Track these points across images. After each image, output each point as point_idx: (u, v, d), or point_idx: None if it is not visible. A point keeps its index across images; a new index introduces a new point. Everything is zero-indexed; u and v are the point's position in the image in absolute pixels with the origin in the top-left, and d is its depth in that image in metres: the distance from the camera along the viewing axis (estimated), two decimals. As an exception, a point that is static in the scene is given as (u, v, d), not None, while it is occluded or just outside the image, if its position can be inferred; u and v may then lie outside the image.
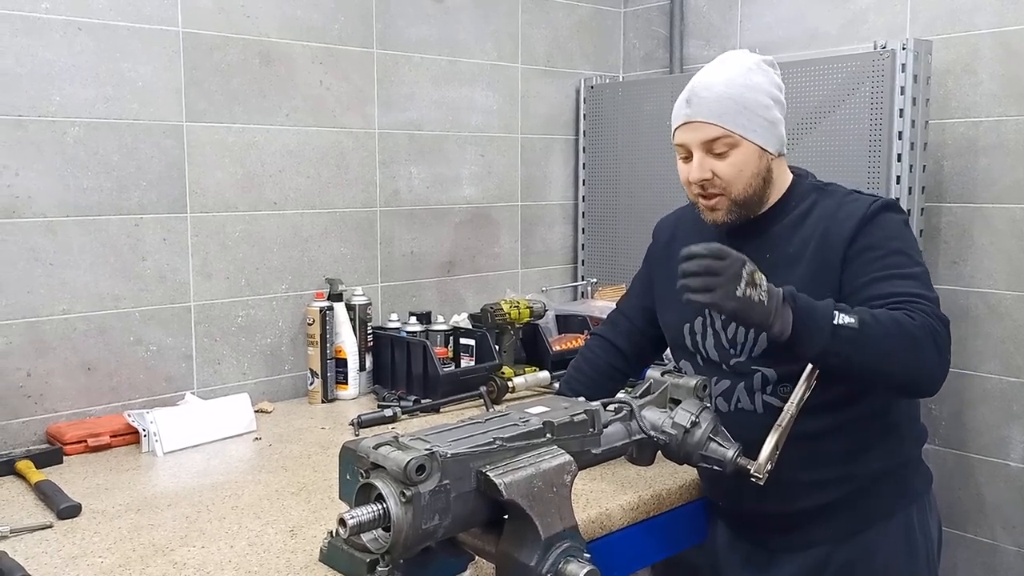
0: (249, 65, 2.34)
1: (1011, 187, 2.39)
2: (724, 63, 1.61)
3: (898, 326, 1.40)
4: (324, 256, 2.53)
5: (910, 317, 1.42)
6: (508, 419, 1.31)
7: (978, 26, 2.41)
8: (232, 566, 1.37)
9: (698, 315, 1.68)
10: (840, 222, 1.56)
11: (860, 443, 1.59)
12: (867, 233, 1.53)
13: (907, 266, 1.52)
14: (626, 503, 1.66)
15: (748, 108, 1.56)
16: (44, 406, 2.05)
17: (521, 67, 3.00)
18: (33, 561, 1.38)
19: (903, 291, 1.47)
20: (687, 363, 1.73)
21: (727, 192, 1.58)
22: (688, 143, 1.59)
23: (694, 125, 1.57)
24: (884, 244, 1.53)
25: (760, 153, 1.58)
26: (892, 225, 1.56)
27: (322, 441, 2.04)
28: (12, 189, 1.98)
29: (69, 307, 2.07)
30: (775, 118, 1.59)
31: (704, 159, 1.57)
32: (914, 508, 1.65)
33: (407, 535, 1.12)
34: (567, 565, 1.17)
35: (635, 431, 1.47)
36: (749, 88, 1.56)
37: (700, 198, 1.62)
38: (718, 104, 1.55)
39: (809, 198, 1.63)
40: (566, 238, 3.22)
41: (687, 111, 1.58)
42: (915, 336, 1.40)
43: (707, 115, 1.56)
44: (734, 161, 1.56)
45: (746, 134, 1.55)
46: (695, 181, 1.59)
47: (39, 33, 1.99)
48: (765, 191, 1.61)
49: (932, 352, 1.42)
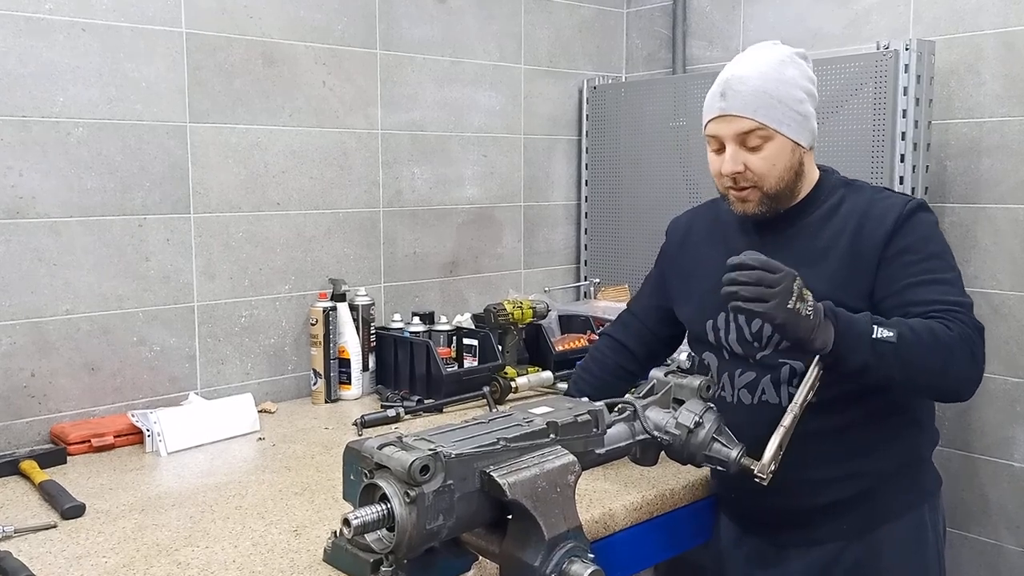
0: (252, 66, 2.34)
1: (1015, 188, 2.39)
2: (758, 55, 1.60)
3: (935, 337, 1.42)
4: (327, 256, 2.53)
5: (947, 327, 1.44)
6: (512, 419, 1.31)
7: (981, 27, 2.41)
8: (236, 566, 1.38)
9: (721, 311, 1.67)
10: (875, 219, 1.56)
11: (874, 441, 1.59)
12: (904, 234, 1.54)
13: (943, 271, 1.54)
14: (630, 503, 1.66)
15: (782, 102, 1.55)
16: (48, 406, 2.05)
17: (524, 67, 3.00)
18: (37, 561, 1.38)
19: (940, 298, 1.49)
20: (711, 356, 1.71)
21: (759, 185, 1.58)
22: (721, 135, 1.58)
23: (728, 118, 1.57)
24: (921, 247, 1.55)
25: (793, 147, 1.58)
26: (927, 227, 1.58)
27: (325, 441, 2.05)
28: (16, 189, 1.98)
29: (73, 307, 2.07)
30: (808, 112, 1.59)
31: (737, 152, 1.57)
32: (925, 507, 1.66)
33: (411, 535, 1.12)
34: (571, 565, 1.17)
35: (639, 431, 1.48)
36: (783, 82, 1.56)
37: (731, 190, 1.62)
38: (753, 97, 1.54)
39: (838, 193, 1.64)
40: (569, 238, 3.22)
41: (721, 104, 1.57)
42: (952, 347, 1.43)
43: (742, 108, 1.55)
44: (767, 155, 1.56)
45: (780, 128, 1.55)
46: (728, 174, 1.58)
47: (43, 34, 2.00)
48: (797, 184, 1.62)
49: (968, 361, 1.45)
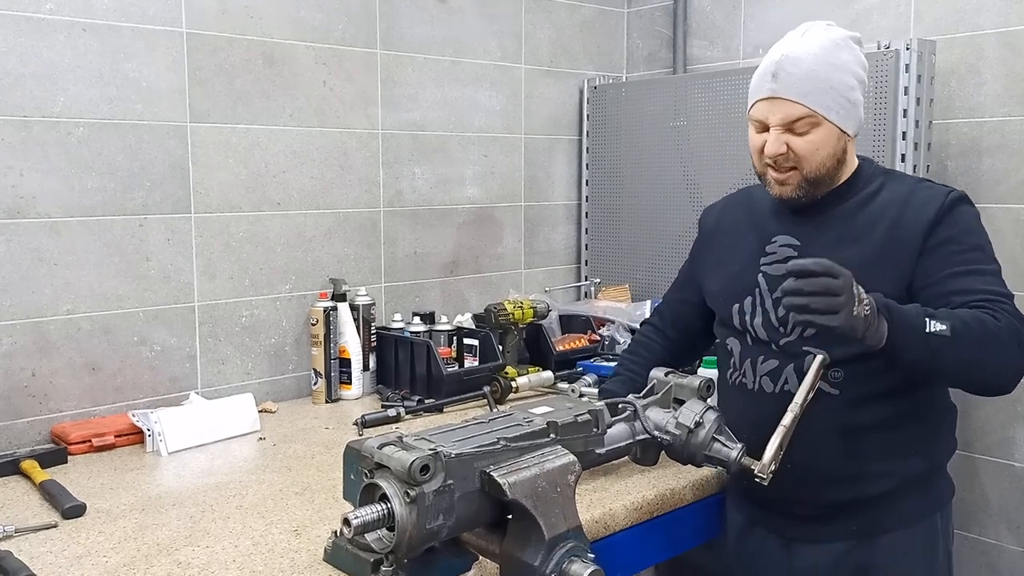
0: (253, 66, 2.34)
1: (1015, 187, 2.39)
2: (812, 36, 1.57)
3: (984, 328, 1.42)
4: (328, 256, 2.54)
5: (994, 318, 1.43)
6: (512, 419, 1.31)
7: (982, 26, 2.41)
8: (236, 566, 1.38)
9: (748, 295, 1.67)
10: (917, 208, 1.56)
11: (901, 442, 1.59)
12: (947, 224, 1.54)
13: (985, 263, 1.53)
14: (630, 503, 1.66)
15: (834, 88, 1.53)
16: (49, 406, 2.05)
17: (524, 67, 3.00)
18: (38, 560, 1.39)
19: (984, 288, 1.48)
20: (734, 341, 1.70)
21: (800, 168, 1.56)
22: (768, 119, 1.56)
23: (778, 101, 1.54)
24: (964, 238, 1.54)
25: (839, 134, 1.56)
26: (970, 219, 1.57)
27: (326, 441, 2.05)
28: (17, 189, 1.98)
29: (73, 307, 2.08)
30: (857, 99, 1.57)
31: (781, 134, 1.55)
32: (938, 516, 1.65)
33: (411, 535, 1.12)
34: (571, 565, 1.17)
35: (639, 431, 1.48)
36: (836, 67, 1.53)
37: (771, 170, 1.60)
38: (806, 82, 1.52)
39: (876, 180, 1.64)
40: (569, 238, 3.22)
41: (772, 85, 1.55)
42: (1001, 338, 1.42)
43: (793, 93, 1.53)
44: (813, 139, 1.55)
45: (828, 115, 1.53)
46: (770, 154, 1.56)
47: (43, 34, 2.00)
48: (837, 171, 1.60)
49: (1016, 353, 1.44)
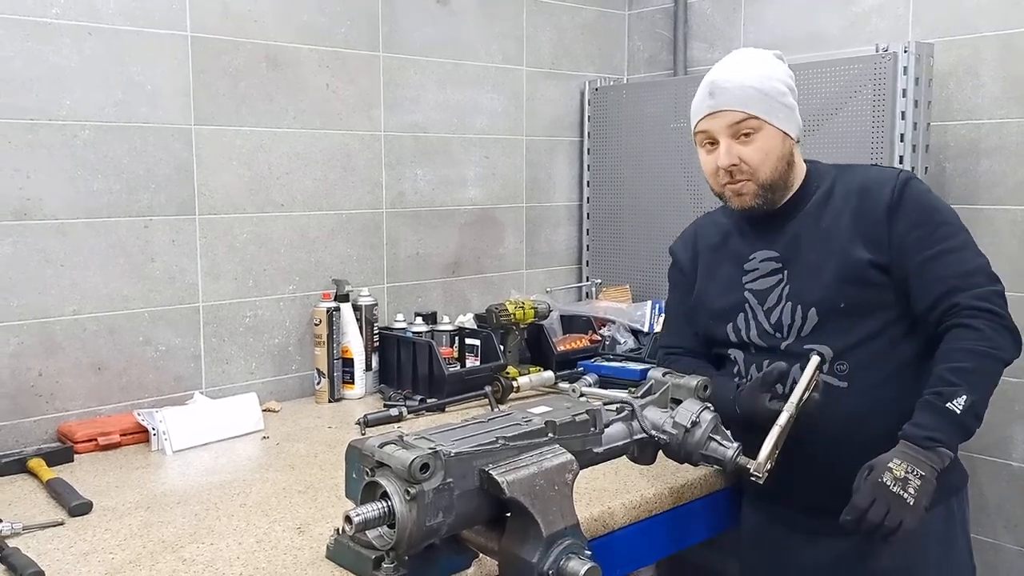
0: (256, 69, 2.36)
1: (1013, 189, 2.40)
2: (739, 58, 1.70)
3: (980, 357, 1.52)
4: (331, 257, 2.56)
5: (975, 329, 1.52)
6: (511, 419, 1.33)
7: (980, 29, 2.42)
8: (240, 563, 1.40)
9: (739, 312, 1.74)
10: (874, 190, 1.64)
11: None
12: (906, 208, 1.61)
13: (952, 237, 1.61)
14: (629, 501, 1.68)
15: (768, 95, 1.63)
16: (55, 405, 2.08)
17: (526, 69, 3.02)
18: (45, 557, 1.41)
19: (956, 271, 1.56)
20: (736, 352, 1.76)
21: (755, 177, 1.65)
22: (713, 130, 1.65)
23: (719, 114, 1.64)
24: (926, 220, 1.61)
25: (783, 137, 1.66)
26: (924, 196, 1.65)
27: (329, 440, 2.07)
28: (23, 192, 2.01)
29: (79, 308, 2.10)
30: (792, 104, 1.68)
31: (731, 145, 1.64)
32: (953, 501, 1.70)
33: (411, 532, 1.14)
34: (568, 562, 1.19)
35: (636, 430, 1.49)
36: (766, 77, 1.65)
37: (727, 185, 1.68)
38: (741, 91, 1.63)
39: (828, 177, 1.72)
40: (571, 239, 3.24)
41: (710, 102, 1.65)
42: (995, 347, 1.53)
43: (731, 103, 1.63)
44: (760, 145, 1.63)
45: (769, 118, 1.63)
46: (724, 166, 1.65)
47: (49, 38, 2.02)
48: (789, 175, 1.69)
49: (1009, 341, 1.56)
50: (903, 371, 1.62)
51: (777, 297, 1.70)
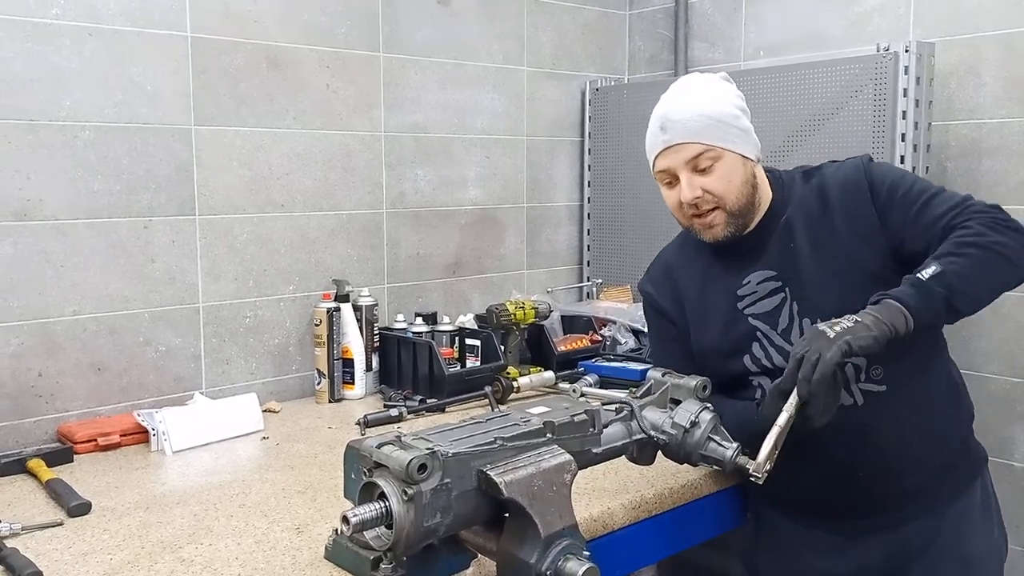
0: (257, 69, 2.37)
1: (1015, 189, 2.40)
2: (684, 86, 1.65)
3: (969, 242, 1.46)
4: (331, 257, 2.56)
5: (967, 227, 1.48)
6: (509, 419, 1.32)
7: (981, 28, 2.42)
8: (239, 563, 1.40)
9: (752, 341, 1.65)
10: (850, 183, 1.62)
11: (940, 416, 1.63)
12: (880, 181, 1.60)
13: (929, 188, 1.60)
14: (628, 502, 1.67)
15: (721, 121, 1.58)
16: (55, 406, 2.08)
17: (527, 70, 3.02)
18: (44, 558, 1.41)
19: (944, 209, 1.53)
20: (762, 379, 1.66)
21: (722, 205, 1.60)
22: (672, 167, 1.61)
23: (673, 148, 1.60)
24: (900, 181, 1.60)
25: (743, 161, 1.61)
26: (888, 168, 1.68)
27: (329, 440, 2.07)
28: (24, 192, 2.01)
29: (79, 308, 2.10)
30: (746, 126, 1.63)
31: (692, 178, 1.59)
32: (984, 475, 1.72)
33: (408, 533, 1.14)
34: (566, 563, 1.18)
35: (635, 431, 1.49)
36: (715, 102, 1.60)
37: (695, 219, 1.64)
38: (692, 123, 1.57)
39: (795, 182, 1.70)
40: (571, 239, 3.24)
41: (664, 137, 1.60)
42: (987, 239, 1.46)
43: (685, 135, 1.58)
44: (721, 174, 1.59)
45: (725, 145, 1.59)
46: (687, 201, 1.60)
47: (49, 39, 2.02)
48: (755, 197, 1.64)
49: (1009, 238, 1.48)
50: (931, 363, 1.61)
51: (788, 316, 1.62)
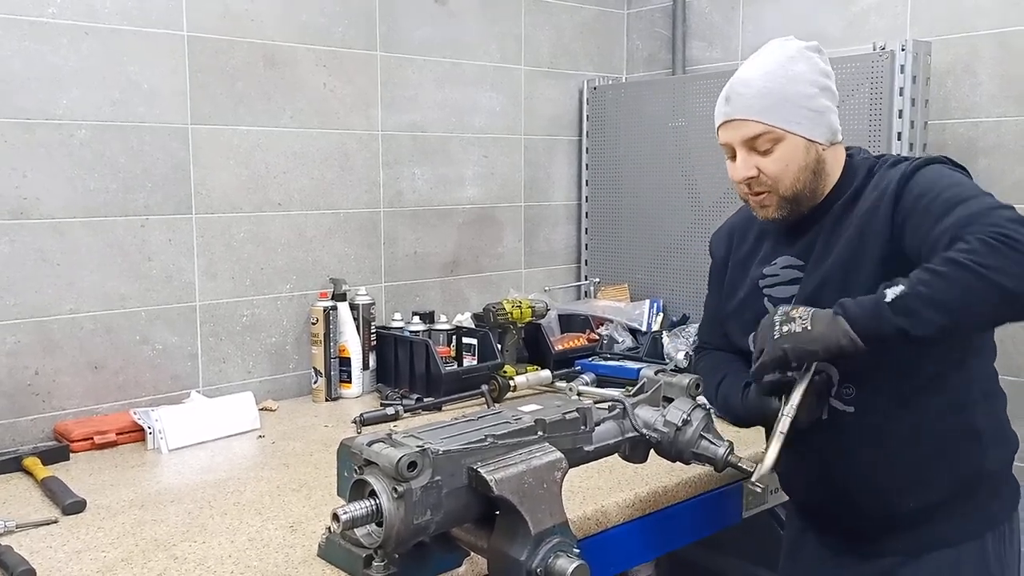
0: (254, 68, 2.37)
1: (1011, 187, 2.39)
2: (764, 55, 1.54)
3: (953, 266, 1.26)
4: (328, 256, 2.56)
5: (961, 246, 1.28)
6: (500, 417, 1.33)
7: (978, 27, 2.42)
8: (232, 560, 1.40)
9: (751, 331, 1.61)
10: (883, 190, 1.47)
11: (933, 453, 1.50)
12: (911, 188, 1.43)
13: (964, 195, 1.37)
14: (622, 500, 1.67)
15: (789, 100, 1.49)
16: (52, 404, 2.08)
17: (524, 68, 3.02)
18: (38, 556, 1.41)
19: (959, 216, 1.33)
20: None
21: (775, 188, 1.52)
22: (730, 141, 1.54)
23: (734, 123, 1.52)
24: (933, 187, 1.41)
25: (807, 145, 1.50)
26: (935, 173, 1.45)
27: (325, 439, 2.07)
28: (20, 191, 2.01)
29: (76, 307, 2.11)
30: (822, 106, 1.51)
31: (748, 156, 1.52)
32: (989, 537, 1.52)
33: (399, 530, 1.14)
34: (557, 560, 1.19)
35: (628, 429, 1.49)
36: (790, 79, 1.49)
37: (749, 196, 1.57)
38: (757, 99, 1.49)
39: (860, 176, 1.55)
40: (569, 238, 3.24)
41: (726, 109, 1.53)
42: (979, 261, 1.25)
43: (746, 112, 1.50)
44: (779, 156, 1.50)
45: (789, 127, 1.49)
46: (740, 180, 1.54)
47: (46, 37, 2.03)
48: (816, 183, 1.54)
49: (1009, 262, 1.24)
50: (919, 397, 1.49)
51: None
